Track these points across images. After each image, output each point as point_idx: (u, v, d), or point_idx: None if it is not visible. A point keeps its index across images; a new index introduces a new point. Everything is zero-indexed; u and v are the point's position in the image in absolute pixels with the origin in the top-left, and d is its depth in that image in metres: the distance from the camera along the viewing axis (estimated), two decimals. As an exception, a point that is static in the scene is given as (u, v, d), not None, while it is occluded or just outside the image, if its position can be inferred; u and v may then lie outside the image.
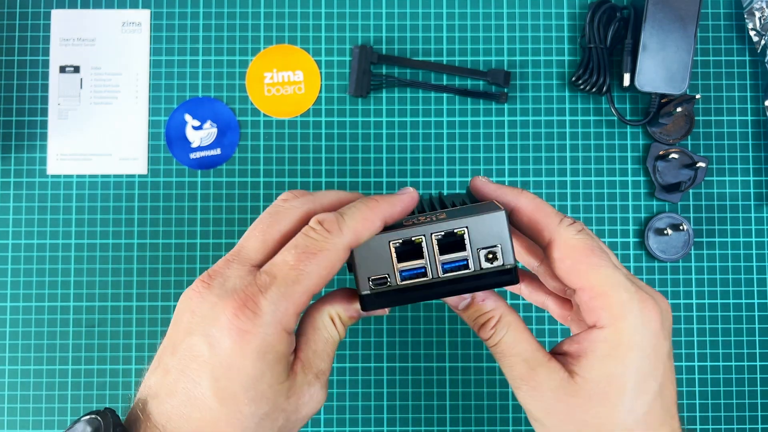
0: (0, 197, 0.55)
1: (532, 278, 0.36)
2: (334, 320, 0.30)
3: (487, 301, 0.30)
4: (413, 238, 0.28)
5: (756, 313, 0.55)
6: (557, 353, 0.30)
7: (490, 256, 0.28)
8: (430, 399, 0.54)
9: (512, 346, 0.29)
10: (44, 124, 0.56)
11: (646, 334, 0.28)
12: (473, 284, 0.28)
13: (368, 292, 0.28)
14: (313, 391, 0.28)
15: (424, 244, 0.28)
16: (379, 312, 0.30)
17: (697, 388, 0.54)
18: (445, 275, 0.28)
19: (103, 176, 0.55)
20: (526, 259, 0.35)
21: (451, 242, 0.28)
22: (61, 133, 0.55)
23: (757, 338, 0.54)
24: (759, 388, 0.54)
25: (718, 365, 0.54)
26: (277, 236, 0.28)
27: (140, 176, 0.55)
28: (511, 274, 0.28)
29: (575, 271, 0.29)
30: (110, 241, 0.55)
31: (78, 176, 0.55)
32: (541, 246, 0.30)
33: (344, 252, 0.27)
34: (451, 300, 0.30)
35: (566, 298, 0.35)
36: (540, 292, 0.36)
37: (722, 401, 0.54)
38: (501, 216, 0.28)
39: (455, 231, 0.28)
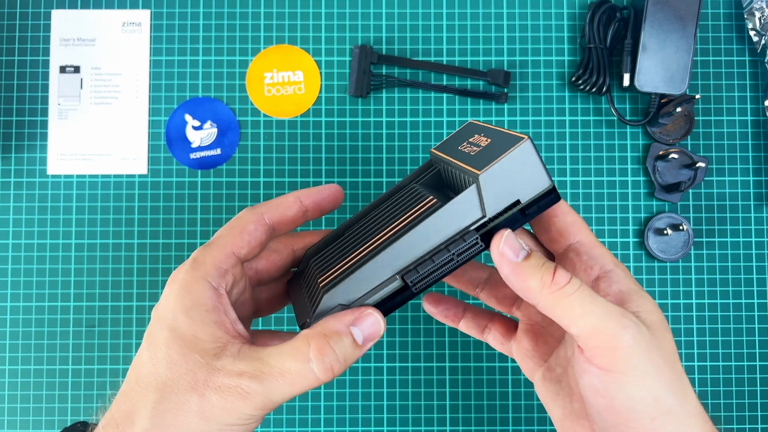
0: (0, 197, 0.55)
1: (473, 308, 0.39)
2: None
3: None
4: None
5: (756, 313, 0.55)
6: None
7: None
8: (430, 399, 0.54)
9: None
10: (44, 124, 0.56)
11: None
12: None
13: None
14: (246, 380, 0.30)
15: None
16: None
17: (697, 388, 0.54)
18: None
19: (103, 176, 0.55)
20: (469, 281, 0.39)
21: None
22: (61, 133, 0.55)
23: (756, 338, 0.54)
24: (759, 388, 0.54)
25: (718, 365, 0.54)
26: None
27: (140, 176, 0.55)
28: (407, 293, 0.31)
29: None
30: (110, 241, 0.55)
31: (78, 176, 0.55)
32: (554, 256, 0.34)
33: (255, 215, 0.33)
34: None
35: (510, 326, 0.37)
36: (481, 318, 0.38)
37: (722, 401, 0.54)
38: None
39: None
